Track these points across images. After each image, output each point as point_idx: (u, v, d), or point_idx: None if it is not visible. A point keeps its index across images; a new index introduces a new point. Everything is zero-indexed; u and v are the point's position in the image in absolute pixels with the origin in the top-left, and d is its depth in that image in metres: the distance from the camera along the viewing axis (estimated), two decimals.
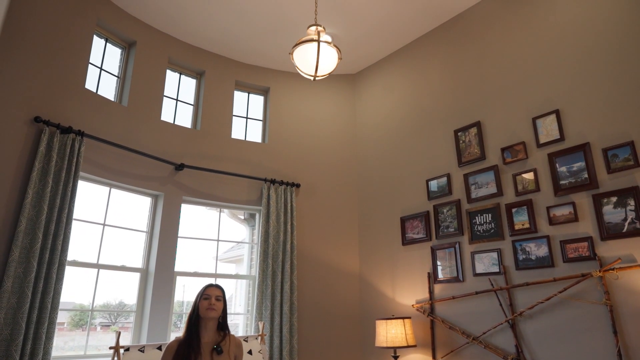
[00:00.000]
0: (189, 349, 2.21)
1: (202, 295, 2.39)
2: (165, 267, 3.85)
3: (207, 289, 2.42)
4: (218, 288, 2.44)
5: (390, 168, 4.61)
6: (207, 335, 2.33)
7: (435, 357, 3.71)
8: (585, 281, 2.94)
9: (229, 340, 2.38)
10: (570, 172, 3.13)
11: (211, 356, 2.24)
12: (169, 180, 4.04)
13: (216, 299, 2.38)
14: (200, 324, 2.35)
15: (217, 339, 2.36)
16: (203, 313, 2.33)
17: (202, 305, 2.35)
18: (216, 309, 2.35)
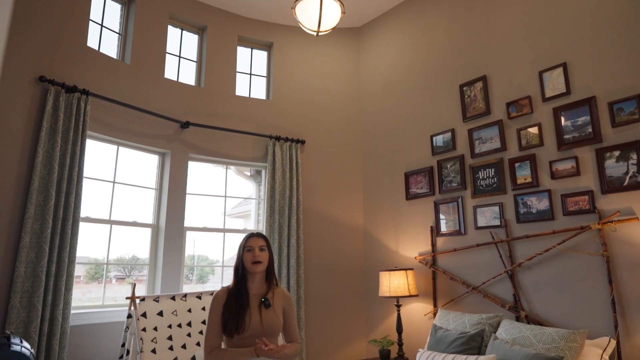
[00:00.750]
0: (238, 302, 2.10)
1: (244, 247, 2.21)
2: (175, 222, 3.97)
3: (249, 240, 2.22)
4: (260, 237, 2.24)
5: (395, 124, 4.61)
6: (255, 287, 2.20)
7: (436, 306, 3.88)
8: (584, 233, 3.01)
9: (273, 292, 2.23)
10: (574, 127, 3.12)
11: (259, 309, 2.11)
12: (175, 138, 4.08)
13: (260, 249, 2.19)
14: (247, 276, 2.20)
15: (264, 290, 2.21)
16: (248, 267, 2.17)
17: (246, 258, 2.17)
18: (262, 260, 2.18)
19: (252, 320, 2.06)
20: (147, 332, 3.06)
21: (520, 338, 2.87)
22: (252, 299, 2.15)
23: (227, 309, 2.08)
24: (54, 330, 3.05)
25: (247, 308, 2.09)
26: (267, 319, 2.09)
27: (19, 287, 2.96)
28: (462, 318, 3.34)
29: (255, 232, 2.27)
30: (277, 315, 2.14)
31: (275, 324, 2.12)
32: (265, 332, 2.07)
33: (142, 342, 2.99)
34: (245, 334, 2.03)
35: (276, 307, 2.16)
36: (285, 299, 2.24)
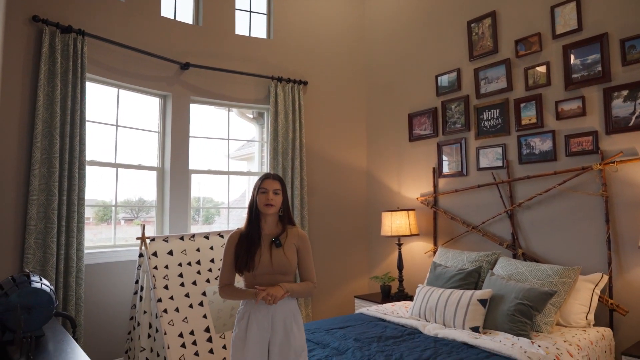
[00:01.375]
0: (249, 241, 2.11)
1: (259, 188, 2.15)
2: (180, 165, 4.01)
3: (264, 182, 2.15)
4: (276, 180, 2.17)
5: (400, 64, 4.49)
6: (268, 228, 2.18)
7: (436, 245, 4.01)
8: (585, 174, 3.04)
9: (287, 233, 2.18)
10: (583, 65, 3.05)
11: (270, 249, 2.11)
12: (176, 80, 4.02)
13: (274, 192, 2.13)
14: (260, 217, 2.17)
15: (278, 231, 2.18)
16: (261, 208, 2.13)
17: (259, 200, 2.13)
18: (274, 204, 2.12)
19: (262, 258, 2.08)
20: (159, 270, 3.20)
21: (516, 274, 2.99)
22: (264, 239, 2.14)
23: (239, 248, 2.11)
24: (69, 269, 3.20)
25: (258, 247, 2.10)
26: (277, 258, 2.08)
27: (32, 228, 3.06)
28: (460, 256, 3.46)
29: (271, 174, 2.20)
30: (288, 255, 2.11)
31: (285, 263, 2.10)
32: (275, 271, 2.09)
33: (155, 279, 3.13)
34: (255, 271, 2.07)
35: (288, 247, 2.13)
36: (299, 238, 2.19)
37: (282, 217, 2.20)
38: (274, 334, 2.04)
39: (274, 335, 2.03)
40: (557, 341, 2.51)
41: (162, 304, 3.09)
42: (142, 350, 3.20)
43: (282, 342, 2.02)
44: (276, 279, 2.08)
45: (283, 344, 2.02)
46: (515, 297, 2.70)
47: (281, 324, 2.05)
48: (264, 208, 2.12)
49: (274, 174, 2.20)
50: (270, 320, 2.05)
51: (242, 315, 2.09)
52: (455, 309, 2.80)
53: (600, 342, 2.67)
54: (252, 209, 2.18)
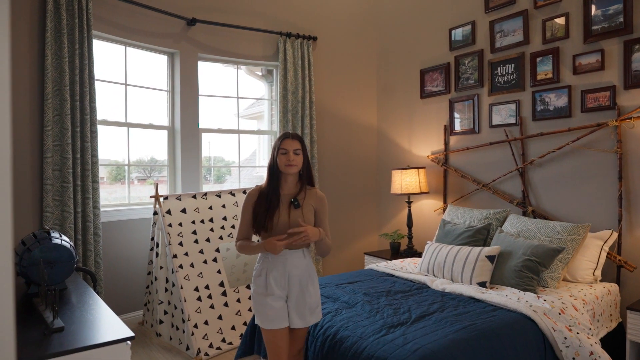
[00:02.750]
0: (268, 201, 2.07)
1: (278, 149, 2.09)
2: (190, 124, 4.01)
3: (283, 142, 2.09)
4: (295, 140, 2.11)
5: (412, 17, 4.34)
6: (287, 188, 2.13)
7: (446, 202, 4.02)
8: (600, 131, 2.98)
9: (305, 193, 2.13)
10: (604, 16, 2.91)
11: (288, 209, 2.07)
12: (183, 37, 3.94)
13: (294, 152, 2.07)
14: (280, 176, 2.12)
15: (296, 191, 2.13)
16: (282, 168, 2.08)
17: (280, 160, 2.07)
18: (295, 164, 2.07)
19: (280, 219, 2.05)
20: (173, 227, 3.28)
21: (525, 231, 3.01)
22: (283, 199, 2.10)
23: (257, 207, 2.09)
24: (87, 226, 3.29)
25: (277, 207, 2.07)
26: (294, 219, 2.05)
27: (49, 187, 3.13)
28: (470, 213, 3.48)
29: (290, 133, 2.13)
30: (305, 216, 2.08)
31: (301, 223, 2.04)
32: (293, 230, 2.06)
33: (169, 236, 3.22)
34: (273, 232, 2.05)
35: (306, 208, 2.10)
36: (317, 199, 2.15)
37: (301, 177, 2.15)
38: (291, 291, 2.06)
39: (291, 292, 2.06)
40: (562, 296, 2.56)
41: (178, 259, 3.20)
42: (160, 303, 3.34)
43: (298, 299, 2.05)
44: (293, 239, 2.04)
45: (299, 300, 2.05)
46: (523, 253, 2.73)
47: (297, 282, 2.06)
48: (285, 168, 2.07)
49: (293, 133, 2.12)
50: (287, 278, 2.05)
51: (259, 272, 2.10)
52: (463, 265, 2.85)
53: (606, 297, 2.72)
54: (272, 169, 2.11)
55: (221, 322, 3.23)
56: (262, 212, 2.06)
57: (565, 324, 2.32)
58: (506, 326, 2.17)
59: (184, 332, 3.14)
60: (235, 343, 3.20)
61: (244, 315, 3.36)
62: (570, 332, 2.26)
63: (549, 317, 2.30)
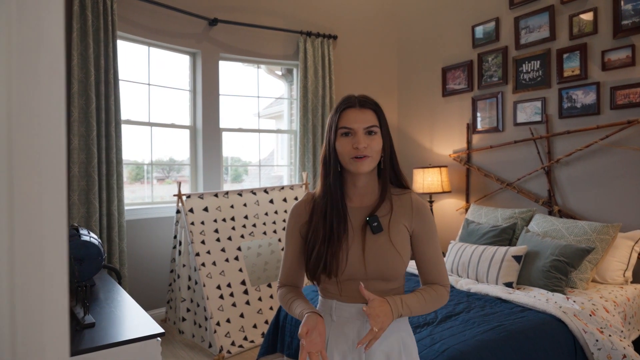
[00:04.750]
0: (326, 222, 1.23)
1: (337, 127, 1.23)
2: (211, 123, 4.04)
3: (345, 114, 1.23)
4: (367, 108, 1.24)
5: (433, 14, 4.29)
6: (358, 194, 1.28)
7: (468, 202, 3.97)
8: (630, 128, 2.90)
9: (391, 203, 1.25)
10: (635, 10, 2.83)
11: (362, 235, 1.22)
12: (205, 37, 3.98)
13: (367, 132, 1.20)
14: (345, 177, 1.28)
15: (373, 201, 1.27)
16: (347, 164, 1.21)
17: (342, 147, 1.21)
18: (369, 153, 1.19)
19: (349, 255, 1.21)
20: (195, 225, 3.31)
21: (552, 231, 2.95)
22: (353, 216, 1.25)
23: (310, 233, 1.26)
24: (112, 224, 3.34)
25: (343, 234, 1.22)
26: (375, 252, 1.20)
27: (75, 185, 3.19)
28: (494, 213, 3.43)
29: (356, 98, 1.25)
30: (394, 246, 1.21)
31: (389, 262, 1.20)
32: (371, 275, 1.21)
33: (192, 235, 3.25)
34: (340, 278, 1.22)
35: (395, 231, 1.22)
36: (416, 213, 1.26)
37: (382, 172, 1.27)
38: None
39: None
40: (592, 297, 2.50)
41: (200, 257, 3.22)
42: (183, 301, 3.37)
43: None
44: (374, 287, 1.22)
45: None
46: (551, 253, 2.67)
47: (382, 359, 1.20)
48: (351, 163, 1.20)
49: (361, 98, 1.26)
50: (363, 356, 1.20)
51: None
52: (488, 265, 2.80)
53: (637, 299, 2.65)
54: (328, 165, 1.26)
55: (243, 320, 3.24)
56: (317, 243, 1.22)
57: (597, 326, 2.26)
58: (535, 327, 2.13)
59: (206, 329, 3.16)
60: (257, 341, 3.21)
61: (266, 314, 3.36)
62: (602, 335, 2.20)
63: (580, 319, 2.25)
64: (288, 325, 2.56)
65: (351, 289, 1.24)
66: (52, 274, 0.35)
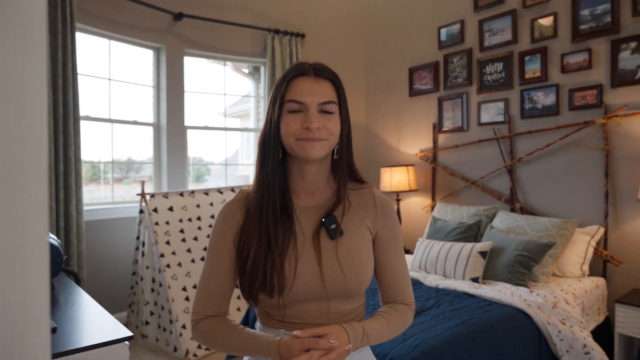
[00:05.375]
0: (266, 225, 0.96)
1: (283, 100, 0.97)
2: (176, 121, 3.92)
3: (293, 84, 0.98)
4: (323, 79, 1.02)
5: (400, 15, 4.35)
6: (307, 190, 1.03)
7: (435, 199, 4.05)
8: (587, 128, 3.04)
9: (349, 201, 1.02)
10: (592, 16, 2.97)
11: (316, 241, 0.97)
12: (169, 31, 3.86)
13: (321, 110, 0.97)
14: (290, 165, 1.02)
15: (327, 198, 1.03)
16: (294, 147, 0.95)
17: (287, 125, 0.96)
18: (323, 136, 0.95)
19: (299, 267, 0.94)
20: (160, 225, 3.20)
21: (515, 227, 3.05)
22: (302, 218, 1.00)
23: (244, 241, 0.97)
24: (70, 225, 3.18)
25: (290, 239, 0.97)
26: (333, 263, 0.96)
27: None
28: (459, 210, 3.50)
29: (310, 64, 1.03)
30: (356, 254, 0.98)
31: (355, 275, 0.97)
32: (330, 292, 0.96)
33: (156, 235, 3.14)
34: (288, 295, 0.94)
35: (357, 235, 1.00)
36: (380, 211, 1.04)
37: (337, 164, 1.03)
38: None
39: None
40: (554, 290, 2.60)
41: (165, 259, 3.12)
42: (147, 304, 3.25)
43: None
44: (329, 309, 0.97)
45: None
46: (515, 249, 2.76)
47: None
48: (297, 146, 0.95)
49: (316, 65, 1.03)
50: None
51: None
52: (456, 261, 2.86)
53: (594, 291, 2.77)
54: (266, 149, 0.99)
55: None
56: (256, 253, 0.94)
57: (559, 317, 2.35)
58: (502, 320, 2.19)
59: (171, 333, 3.06)
60: None
61: (233, 315, 3.29)
62: (563, 326, 2.29)
63: (543, 311, 2.33)
64: None
65: (302, 314, 0.96)
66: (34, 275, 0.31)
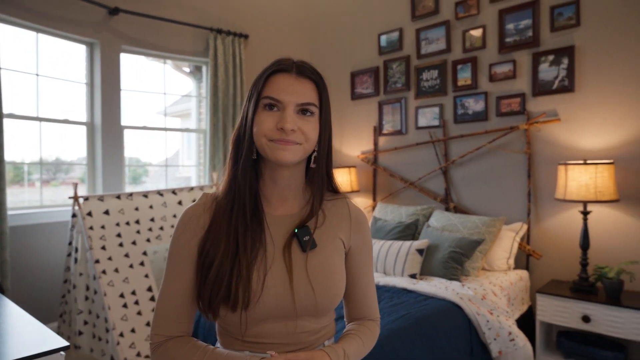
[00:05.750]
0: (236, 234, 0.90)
1: (257, 96, 0.95)
2: (112, 120, 3.75)
3: (272, 80, 0.96)
4: (304, 77, 0.97)
5: (342, 20, 4.46)
6: (279, 198, 0.98)
7: (375, 200, 4.19)
8: (512, 133, 3.29)
9: (324, 213, 0.99)
10: (516, 30, 3.23)
11: (286, 254, 0.92)
12: (104, 26, 3.68)
13: (299, 110, 0.92)
14: (261, 169, 0.97)
15: (299, 208, 0.99)
16: (267, 151, 0.90)
17: (260, 123, 0.91)
18: (299, 140, 0.90)
19: (267, 280, 0.89)
20: (95, 230, 3.05)
21: (449, 225, 3.23)
22: (273, 226, 0.95)
23: (209, 248, 0.90)
24: None
25: (256, 250, 0.91)
26: (304, 278, 0.91)
27: None
28: (399, 210, 3.66)
29: (293, 62, 0.99)
30: (328, 269, 0.94)
31: (327, 291, 0.93)
32: (301, 310, 0.91)
33: (91, 240, 2.99)
34: (255, 310, 0.88)
35: (329, 248, 0.96)
36: (354, 225, 1.02)
37: (314, 173, 0.97)
38: None
39: None
40: (483, 283, 2.79)
41: (100, 265, 2.98)
42: (80, 313, 3.08)
43: None
44: (297, 327, 0.92)
45: None
46: (449, 245, 2.93)
47: None
48: (268, 147, 0.90)
49: (299, 62, 0.99)
50: None
51: None
52: (395, 259, 2.99)
53: (518, 283, 3.01)
54: (239, 148, 0.95)
55: (149, 329, 3.06)
56: (221, 260, 0.88)
57: (487, 308, 2.53)
58: (437, 313, 2.32)
59: (107, 342, 2.93)
60: None
61: None
62: (491, 316, 2.47)
63: (473, 303, 2.50)
64: (201, 329, 2.48)
65: (267, 332, 0.89)
66: None
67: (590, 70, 2.94)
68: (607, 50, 2.87)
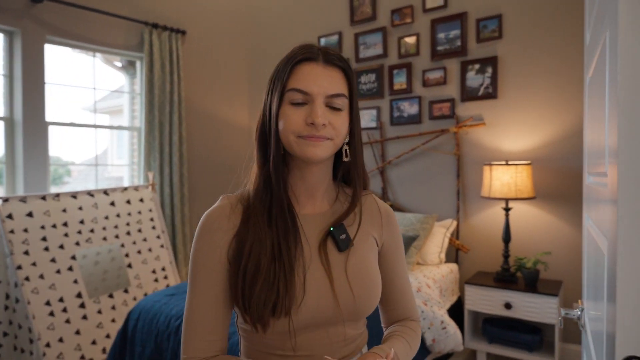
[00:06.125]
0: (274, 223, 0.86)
1: (282, 88, 0.87)
2: (35, 115, 3.48)
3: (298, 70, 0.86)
4: (333, 66, 0.86)
5: (283, 20, 4.49)
6: (307, 195, 0.93)
7: None
8: (443, 136, 3.51)
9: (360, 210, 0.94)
10: (447, 39, 3.45)
11: (323, 253, 0.87)
12: (26, 14, 3.41)
13: (329, 103, 0.84)
14: (290, 166, 0.92)
15: (329, 205, 0.95)
16: (291, 144, 0.85)
17: (287, 119, 0.85)
18: (330, 135, 0.84)
19: (307, 284, 0.83)
20: (16, 234, 2.82)
21: None
22: (306, 226, 0.90)
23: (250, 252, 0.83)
24: None
25: (292, 254, 0.84)
26: (343, 280, 0.86)
27: None
28: None
29: (319, 49, 0.89)
30: (365, 269, 0.90)
31: (368, 292, 0.88)
32: (344, 313, 0.86)
33: (12, 245, 2.76)
34: (297, 317, 0.81)
35: (365, 247, 0.92)
36: (385, 221, 0.98)
37: (349, 167, 0.94)
38: None
39: None
40: (418, 276, 2.96)
41: (23, 271, 2.77)
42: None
43: None
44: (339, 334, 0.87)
45: None
46: None
47: None
48: (298, 145, 0.84)
49: (325, 50, 0.88)
50: None
51: None
52: None
53: (449, 275, 3.22)
54: (266, 146, 0.93)
55: (79, 337, 2.89)
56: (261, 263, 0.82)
57: (422, 299, 2.68)
58: None
59: (31, 354, 2.73)
60: (96, 359, 2.90)
61: (107, 327, 3.06)
62: (425, 307, 2.63)
63: None
64: (139, 333, 2.39)
65: (309, 341, 0.83)
66: None
67: (511, 78, 3.23)
68: (525, 61, 3.17)
